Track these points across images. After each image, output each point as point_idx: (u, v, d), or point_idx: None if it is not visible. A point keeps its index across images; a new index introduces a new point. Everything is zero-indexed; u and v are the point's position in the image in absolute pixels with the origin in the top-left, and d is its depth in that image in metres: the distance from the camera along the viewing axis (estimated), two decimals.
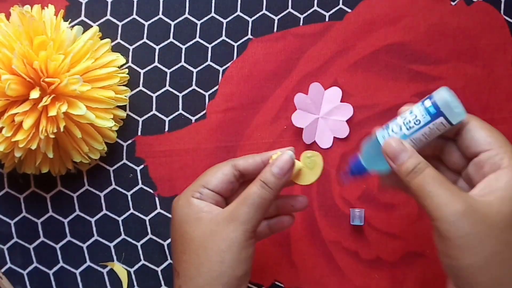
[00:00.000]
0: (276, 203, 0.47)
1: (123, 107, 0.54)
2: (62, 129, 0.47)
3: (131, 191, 0.55)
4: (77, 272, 0.55)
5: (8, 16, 0.50)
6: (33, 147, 0.47)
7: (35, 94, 0.46)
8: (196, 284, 0.41)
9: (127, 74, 0.54)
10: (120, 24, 0.56)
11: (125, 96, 0.53)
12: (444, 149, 0.43)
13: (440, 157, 0.44)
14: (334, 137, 0.55)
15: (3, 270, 0.55)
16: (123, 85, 0.54)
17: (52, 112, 0.46)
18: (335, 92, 0.55)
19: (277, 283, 0.55)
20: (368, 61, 0.56)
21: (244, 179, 0.45)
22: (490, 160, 0.38)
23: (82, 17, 0.55)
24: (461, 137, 0.41)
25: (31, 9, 0.50)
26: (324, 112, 0.55)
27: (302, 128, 0.55)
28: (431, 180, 0.38)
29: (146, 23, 0.56)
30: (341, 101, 0.55)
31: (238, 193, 0.44)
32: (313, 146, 0.55)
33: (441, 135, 0.41)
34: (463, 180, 0.42)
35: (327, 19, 0.56)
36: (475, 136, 0.39)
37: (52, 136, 0.47)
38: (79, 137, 0.49)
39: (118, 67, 0.53)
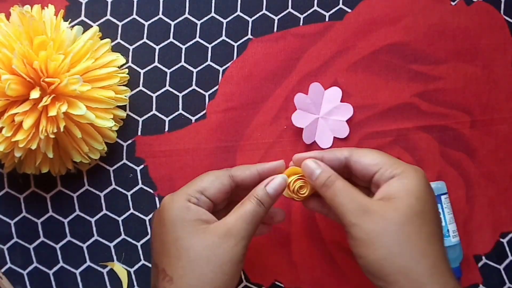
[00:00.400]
0: None
1: (123, 107, 0.54)
2: (62, 129, 0.47)
3: (131, 191, 0.55)
4: (77, 272, 0.55)
5: (8, 16, 0.50)
6: (33, 147, 0.47)
7: (35, 94, 0.46)
8: None
9: (127, 74, 0.54)
10: (120, 24, 0.56)
11: (125, 96, 0.53)
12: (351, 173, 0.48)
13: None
14: (334, 137, 0.55)
15: (3, 270, 0.55)
16: (123, 85, 0.54)
17: (52, 112, 0.46)
18: (335, 92, 0.55)
19: (277, 283, 0.55)
20: (368, 61, 0.56)
21: (237, 188, 0.48)
22: (383, 177, 0.44)
23: (82, 17, 0.55)
24: (352, 169, 0.46)
25: (31, 9, 0.50)
26: (324, 112, 0.55)
27: (302, 128, 0.55)
28: (339, 191, 0.44)
29: (146, 23, 0.56)
30: (341, 101, 0.55)
31: (230, 201, 0.48)
32: (313, 146, 0.55)
33: None
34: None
35: (327, 19, 0.56)
36: (362, 163, 0.45)
37: (52, 136, 0.47)
38: (79, 137, 0.49)
39: (118, 67, 0.53)
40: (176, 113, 0.55)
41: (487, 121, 0.56)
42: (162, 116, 0.55)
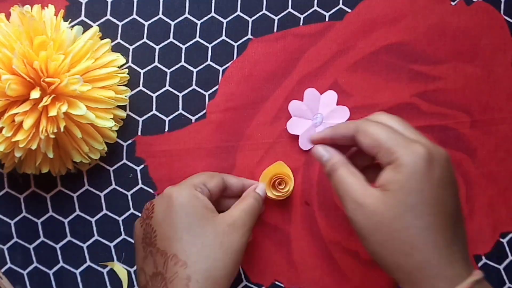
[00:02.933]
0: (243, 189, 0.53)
1: (123, 107, 0.54)
2: (62, 129, 0.47)
3: (131, 191, 0.55)
4: (77, 272, 0.55)
5: (8, 16, 0.50)
6: (33, 147, 0.47)
7: (35, 94, 0.46)
8: (213, 277, 0.43)
9: (127, 74, 0.54)
10: (120, 24, 0.56)
11: (125, 96, 0.53)
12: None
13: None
14: None
15: (3, 270, 0.55)
16: (123, 85, 0.54)
17: (52, 112, 0.46)
18: (331, 96, 0.55)
19: (277, 283, 0.55)
20: (368, 61, 0.56)
21: (220, 194, 0.51)
22: (382, 162, 0.42)
23: (82, 17, 0.55)
24: (358, 146, 0.44)
25: (31, 9, 0.50)
26: (321, 118, 0.55)
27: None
28: (337, 182, 0.43)
29: (146, 23, 0.56)
30: (339, 103, 0.55)
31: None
32: (310, 151, 0.55)
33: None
34: None
35: (327, 19, 0.56)
36: (364, 145, 0.43)
37: (52, 136, 0.47)
38: (79, 137, 0.49)
39: (118, 67, 0.53)
40: (176, 113, 0.55)
41: (487, 121, 0.56)
42: (162, 116, 0.55)
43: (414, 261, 0.39)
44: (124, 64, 0.54)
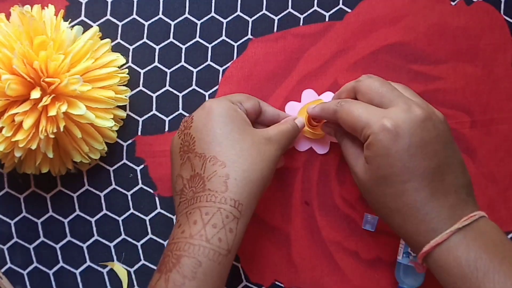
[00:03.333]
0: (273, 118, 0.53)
1: (123, 107, 0.54)
2: (62, 129, 0.47)
3: (131, 191, 0.55)
4: (77, 272, 0.55)
5: (8, 16, 0.50)
6: (33, 147, 0.47)
7: (35, 94, 0.46)
8: (250, 178, 0.45)
9: (127, 74, 0.54)
10: (120, 24, 0.55)
11: (125, 96, 0.53)
12: None
13: None
14: (331, 142, 0.55)
15: (3, 270, 0.55)
16: (123, 85, 0.54)
17: (52, 112, 0.46)
18: (329, 98, 0.55)
19: (277, 283, 0.55)
20: (368, 61, 0.56)
21: (256, 117, 0.52)
22: (361, 139, 0.46)
23: (82, 17, 0.55)
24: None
25: (31, 9, 0.50)
26: None
27: None
28: (345, 148, 0.50)
29: (146, 23, 0.56)
30: None
31: None
32: (309, 151, 0.55)
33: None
34: None
35: (327, 19, 0.56)
36: (344, 126, 0.48)
37: (52, 136, 0.47)
38: (79, 137, 0.49)
39: (118, 67, 0.52)
40: (176, 113, 0.55)
41: (487, 121, 0.55)
42: (162, 116, 0.55)
43: (394, 222, 0.45)
44: (124, 64, 0.54)
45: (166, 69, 0.55)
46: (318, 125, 0.53)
